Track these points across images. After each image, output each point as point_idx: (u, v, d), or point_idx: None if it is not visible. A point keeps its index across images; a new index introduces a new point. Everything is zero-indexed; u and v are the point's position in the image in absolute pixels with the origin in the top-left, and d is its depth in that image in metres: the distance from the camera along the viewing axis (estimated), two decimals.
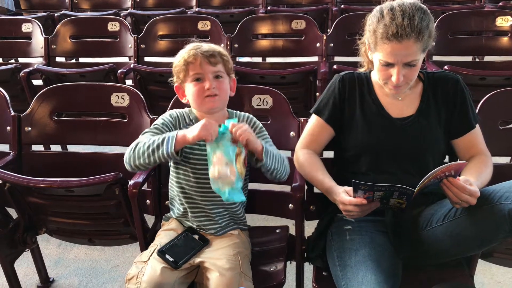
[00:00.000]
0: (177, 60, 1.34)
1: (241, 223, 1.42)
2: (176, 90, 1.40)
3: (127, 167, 1.28)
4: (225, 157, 1.18)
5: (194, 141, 1.22)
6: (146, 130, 1.34)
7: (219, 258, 1.25)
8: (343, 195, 1.20)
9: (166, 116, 1.39)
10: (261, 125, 1.42)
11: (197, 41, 1.37)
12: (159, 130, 1.33)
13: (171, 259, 1.23)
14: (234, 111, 1.44)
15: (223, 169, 1.17)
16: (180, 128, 1.35)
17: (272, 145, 1.39)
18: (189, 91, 1.34)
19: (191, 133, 1.22)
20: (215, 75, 1.33)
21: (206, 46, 1.34)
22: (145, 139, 1.27)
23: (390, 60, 1.23)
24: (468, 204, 1.11)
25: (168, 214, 1.45)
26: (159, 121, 1.37)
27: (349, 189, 1.20)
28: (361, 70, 1.44)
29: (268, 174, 1.31)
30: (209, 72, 1.31)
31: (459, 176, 1.14)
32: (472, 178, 1.17)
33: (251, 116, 1.43)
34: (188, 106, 1.42)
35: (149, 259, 1.24)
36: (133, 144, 1.28)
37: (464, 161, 1.12)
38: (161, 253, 1.25)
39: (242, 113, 1.44)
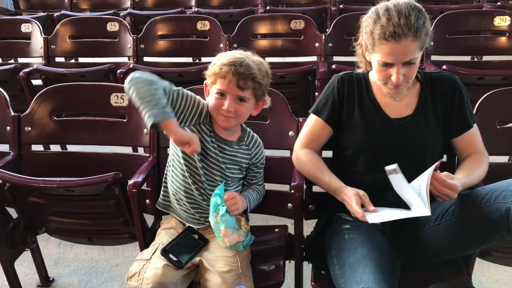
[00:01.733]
0: (215, 64, 1.30)
1: None
2: (204, 86, 1.38)
3: (126, 84, 1.25)
4: (230, 230, 1.26)
5: (175, 141, 1.23)
6: (188, 90, 1.32)
7: (217, 260, 1.26)
8: (355, 206, 1.20)
9: (198, 99, 1.34)
10: (264, 154, 1.45)
11: (247, 51, 1.34)
12: (185, 98, 1.30)
13: (174, 258, 1.24)
14: (248, 129, 1.43)
15: (232, 239, 1.27)
16: (193, 120, 1.33)
17: (262, 173, 1.47)
18: (211, 98, 1.33)
19: (179, 134, 1.22)
20: (240, 98, 1.30)
21: (246, 64, 1.27)
22: (154, 84, 1.22)
23: (389, 60, 1.24)
24: (449, 198, 1.14)
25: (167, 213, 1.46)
26: (190, 93, 1.33)
27: (360, 191, 1.22)
28: (359, 70, 1.45)
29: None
30: (233, 94, 1.28)
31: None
32: (461, 175, 1.20)
33: (261, 143, 1.44)
34: None
35: (151, 257, 1.25)
36: (140, 75, 1.23)
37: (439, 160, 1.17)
38: (165, 252, 1.25)
39: (256, 136, 1.44)
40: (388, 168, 1.16)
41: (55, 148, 2.30)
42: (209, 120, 1.36)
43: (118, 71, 2.45)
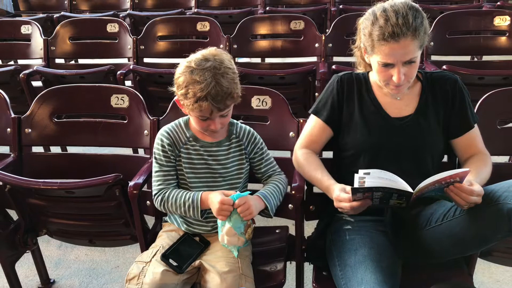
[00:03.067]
0: (187, 90, 1.22)
1: None
2: (176, 102, 1.34)
3: (158, 206, 1.34)
4: (234, 231, 1.24)
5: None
6: (155, 169, 1.34)
7: (218, 260, 1.26)
8: (338, 192, 1.20)
9: (161, 142, 1.33)
10: (261, 140, 1.42)
11: (208, 50, 1.27)
12: (166, 166, 1.33)
13: (174, 263, 1.24)
14: (235, 122, 1.41)
15: (232, 240, 1.25)
16: (179, 149, 1.33)
17: (269, 158, 1.43)
18: (192, 117, 1.31)
19: (211, 205, 1.26)
20: (222, 115, 1.27)
21: (221, 91, 1.20)
22: (170, 197, 1.30)
23: (389, 61, 1.24)
24: (475, 204, 1.12)
25: (166, 218, 1.46)
26: (159, 156, 1.33)
27: (347, 186, 1.20)
28: (356, 71, 1.45)
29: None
30: (217, 117, 1.26)
31: None
32: (472, 177, 1.18)
33: (252, 130, 1.41)
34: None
35: (151, 260, 1.24)
36: (159, 193, 1.32)
37: (468, 169, 1.12)
38: (165, 257, 1.25)
39: (244, 126, 1.41)
40: (360, 175, 1.13)
41: (55, 149, 2.30)
42: (191, 136, 1.35)
43: (118, 72, 2.45)
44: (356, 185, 1.12)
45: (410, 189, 1.12)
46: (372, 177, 1.11)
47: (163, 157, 1.33)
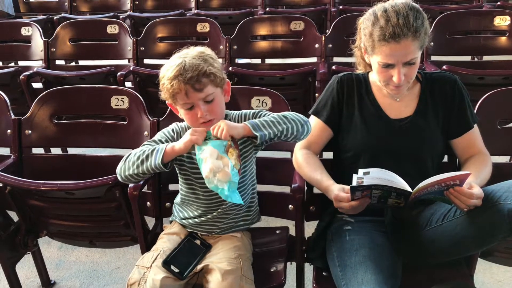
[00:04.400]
0: (163, 83, 1.23)
1: (249, 223, 1.41)
2: (169, 105, 1.32)
3: (118, 178, 1.26)
4: (215, 150, 1.14)
5: (185, 148, 1.19)
6: (144, 142, 1.31)
7: (220, 261, 1.25)
8: (337, 192, 1.20)
9: (167, 130, 1.34)
10: (253, 111, 1.34)
11: (185, 48, 1.26)
12: (155, 143, 1.29)
13: (176, 270, 1.22)
14: (231, 111, 1.37)
15: (216, 162, 1.12)
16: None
17: (271, 114, 1.28)
18: (183, 116, 1.28)
19: (180, 141, 1.20)
20: (205, 100, 1.23)
21: (189, 66, 1.19)
22: (135, 150, 1.24)
23: (390, 61, 1.24)
24: (475, 206, 1.12)
25: (171, 218, 1.46)
26: (158, 135, 1.33)
27: (346, 186, 1.20)
28: (356, 71, 1.45)
29: (283, 139, 1.24)
30: (198, 100, 1.21)
31: None
32: (472, 179, 1.18)
33: (242, 112, 1.35)
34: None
35: (151, 265, 1.23)
36: (126, 156, 1.26)
37: (469, 172, 1.12)
38: (166, 264, 1.23)
39: (235, 113, 1.35)
40: (359, 175, 1.12)
41: (55, 151, 2.30)
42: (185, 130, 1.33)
43: (118, 73, 2.45)
44: (354, 183, 1.12)
45: (409, 189, 1.12)
46: (370, 177, 1.11)
47: (158, 138, 1.31)
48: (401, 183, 1.12)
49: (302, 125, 1.25)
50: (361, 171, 1.13)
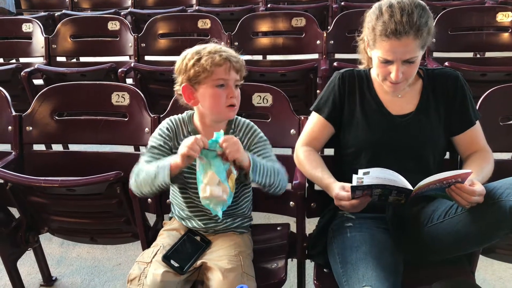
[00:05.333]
0: (198, 60, 1.23)
1: (245, 224, 1.41)
2: (183, 91, 1.28)
3: (136, 194, 1.29)
4: (217, 176, 1.14)
5: (184, 162, 1.17)
6: (145, 151, 1.31)
7: (220, 258, 1.25)
8: (337, 190, 1.20)
9: (163, 129, 1.32)
10: (260, 134, 1.35)
11: (216, 42, 1.30)
12: (157, 150, 1.30)
13: (176, 264, 1.23)
14: (237, 117, 1.37)
15: (216, 190, 1.13)
16: (178, 142, 1.30)
17: (270, 155, 1.33)
18: (208, 96, 1.25)
19: (179, 157, 1.17)
20: (236, 84, 1.27)
21: (230, 51, 1.27)
22: (143, 167, 1.24)
23: (389, 58, 1.23)
24: (476, 203, 1.11)
25: (170, 214, 1.46)
26: (155, 138, 1.31)
27: (346, 184, 1.20)
28: (361, 67, 1.44)
29: (261, 187, 1.28)
30: (233, 80, 1.25)
31: None
32: (473, 175, 1.17)
33: (251, 124, 1.36)
34: (191, 108, 1.35)
35: (151, 261, 1.24)
36: (134, 170, 1.26)
37: (470, 170, 1.12)
38: (166, 258, 1.24)
39: (243, 120, 1.37)
40: (359, 176, 1.12)
41: (56, 147, 2.30)
42: (192, 131, 1.32)
43: (119, 70, 2.45)
44: (354, 183, 1.12)
45: (409, 186, 1.11)
46: (370, 177, 1.11)
47: (157, 143, 1.31)
48: (402, 181, 1.12)
49: (280, 189, 1.30)
50: (361, 171, 1.12)
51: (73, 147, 2.29)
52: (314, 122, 1.41)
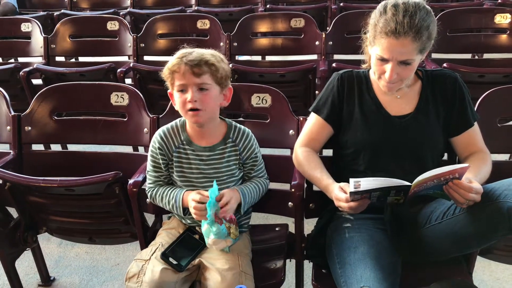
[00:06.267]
0: (167, 66, 1.28)
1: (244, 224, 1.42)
2: (169, 96, 1.34)
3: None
4: (220, 239, 1.24)
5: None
6: (148, 168, 1.38)
7: (218, 258, 1.25)
8: (336, 192, 1.20)
9: (154, 145, 1.34)
10: (256, 150, 1.38)
11: (192, 46, 1.30)
12: (157, 165, 1.35)
13: (174, 262, 1.24)
14: (233, 123, 1.38)
15: (220, 245, 1.25)
16: (171, 154, 1.33)
17: (259, 169, 1.40)
18: (176, 101, 1.29)
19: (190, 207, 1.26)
20: (199, 87, 1.24)
21: (196, 53, 1.25)
22: (160, 193, 1.35)
23: (385, 56, 1.24)
24: (474, 201, 1.12)
25: (169, 214, 1.46)
26: (151, 156, 1.36)
27: (344, 185, 1.20)
28: (364, 66, 1.44)
29: None
30: (192, 84, 1.23)
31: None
32: (471, 175, 1.18)
33: (250, 135, 1.37)
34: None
35: (150, 258, 1.24)
36: (148, 190, 1.38)
37: (468, 164, 1.12)
38: (164, 256, 1.24)
39: (243, 129, 1.38)
40: (354, 184, 1.12)
41: (55, 147, 2.30)
42: (185, 139, 1.34)
43: (118, 70, 2.45)
44: (351, 189, 1.12)
45: (407, 183, 1.11)
46: (367, 180, 1.11)
47: (155, 160, 1.36)
48: (398, 181, 1.12)
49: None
50: (352, 181, 1.12)
51: (72, 147, 2.29)
52: (313, 123, 1.41)
